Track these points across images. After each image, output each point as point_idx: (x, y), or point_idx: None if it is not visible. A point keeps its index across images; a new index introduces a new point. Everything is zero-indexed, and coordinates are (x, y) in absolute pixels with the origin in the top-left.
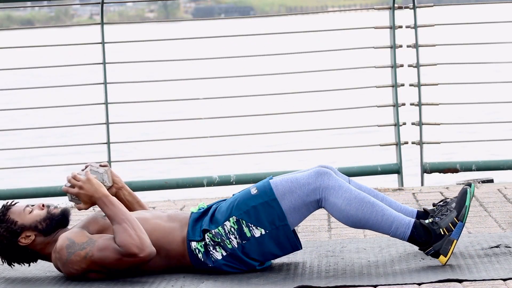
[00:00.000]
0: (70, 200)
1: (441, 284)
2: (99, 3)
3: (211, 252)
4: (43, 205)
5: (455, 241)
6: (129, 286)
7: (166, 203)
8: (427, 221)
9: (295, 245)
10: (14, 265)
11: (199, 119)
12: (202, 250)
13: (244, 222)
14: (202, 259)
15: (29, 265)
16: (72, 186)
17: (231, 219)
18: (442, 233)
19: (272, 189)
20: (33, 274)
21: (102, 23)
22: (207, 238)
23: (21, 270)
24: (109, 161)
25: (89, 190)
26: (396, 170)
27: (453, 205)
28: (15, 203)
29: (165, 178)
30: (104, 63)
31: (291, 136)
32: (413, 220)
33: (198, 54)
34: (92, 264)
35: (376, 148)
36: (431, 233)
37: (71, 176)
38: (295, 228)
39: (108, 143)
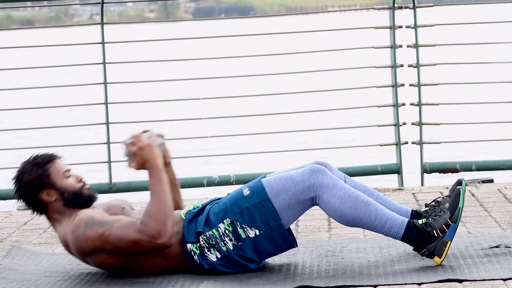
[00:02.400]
0: (125, 155)
1: (441, 284)
2: (99, 3)
3: (206, 254)
4: (81, 179)
5: (449, 242)
6: (128, 287)
7: None
8: (420, 221)
9: (290, 244)
10: (19, 202)
11: (199, 119)
12: (198, 252)
13: (238, 223)
14: (198, 261)
15: (32, 213)
16: (133, 144)
17: (225, 221)
18: (436, 234)
19: (264, 189)
20: (33, 274)
21: (102, 23)
22: (202, 240)
23: (21, 270)
24: (109, 161)
25: (146, 155)
26: (396, 170)
27: (447, 205)
28: (60, 158)
29: None
30: (104, 63)
31: (291, 136)
32: (406, 219)
33: (198, 54)
34: (106, 243)
35: (376, 148)
36: (425, 234)
37: (136, 134)
38: (290, 226)
39: (108, 143)
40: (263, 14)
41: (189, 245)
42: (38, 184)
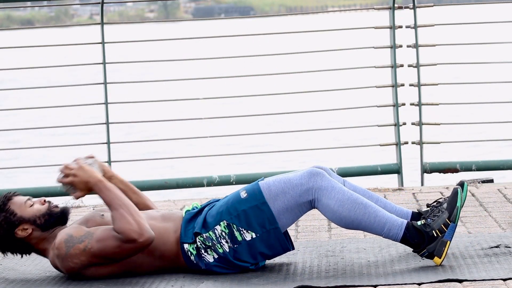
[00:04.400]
0: (66, 190)
1: (441, 284)
2: (99, 3)
3: (203, 255)
4: (44, 201)
5: (448, 242)
6: (128, 286)
7: (166, 203)
8: (419, 222)
9: (286, 247)
10: (7, 255)
11: (199, 119)
12: (194, 252)
13: (234, 226)
14: (195, 261)
15: (22, 256)
16: (66, 176)
17: (221, 223)
18: (435, 235)
19: (261, 192)
20: (33, 274)
21: (102, 23)
22: (199, 241)
23: (21, 270)
24: (109, 161)
25: (83, 176)
26: (396, 170)
27: (445, 205)
28: (17, 194)
29: (165, 178)
30: (104, 63)
31: (291, 136)
32: (405, 221)
33: (198, 54)
34: (91, 257)
35: (376, 148)
36: (424, 235)
37: (63, 166)
38: (290, 227)
39: (108, 143)
40: (263, 14)
41: (186, 245)
42: (8, 226)
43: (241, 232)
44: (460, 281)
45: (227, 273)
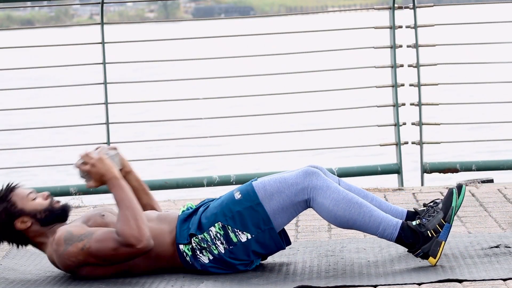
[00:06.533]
0: (81, 177)
1: (441, 284)
2: (99, 3)
3: (198, 256)
4: (47, 196)
5: (443, 242)
6: (128, 286)
7: (166, 203)
8: (414, 222)
9: (280, 246)
10: (3, 243)
11: (199, 119)
12: (190, 253)
13: (229, 227)
14: (191, 262)
15: (18, 247)
16: (85, 163)
17: (216, 224)
18: (430, 235)
19: (256, 192)
20: (33, 274)
21: (102, 23)
22: (194, 243)
23: (21, 270)
24: None
25: (100, 169)
26: (396, 170)
27: (440, 206)
28: (20, 186)
29: (165, 178)
30: (104, 63)
31: (291, 136)
32: (400, 221)
33: (198, 54)
34: (88, 256)
35: (376, 148)
36: (419, 235)
37: (84, 153)
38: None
39: (108, 143)
40: (263, 14)
41: (181, 246)
42: (8, 217)
43: (236, 233)
44: (460, 281)
45: (227, 273)
